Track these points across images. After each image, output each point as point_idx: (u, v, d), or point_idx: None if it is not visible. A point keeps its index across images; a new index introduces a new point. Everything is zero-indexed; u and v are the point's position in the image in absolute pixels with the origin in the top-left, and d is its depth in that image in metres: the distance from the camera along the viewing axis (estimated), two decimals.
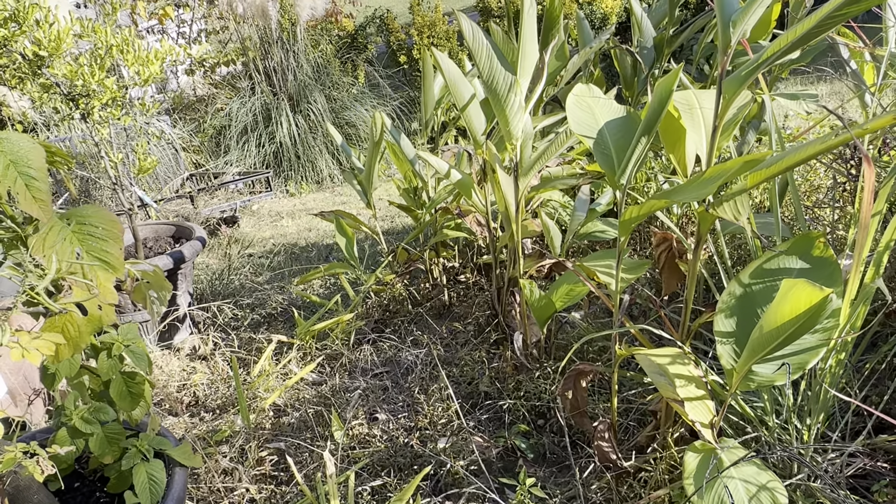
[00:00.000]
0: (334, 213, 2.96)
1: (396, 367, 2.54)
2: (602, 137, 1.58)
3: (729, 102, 1.38)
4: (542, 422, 2.15)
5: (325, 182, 7.19)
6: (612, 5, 7.81)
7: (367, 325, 2.84)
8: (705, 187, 1.30)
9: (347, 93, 7.86)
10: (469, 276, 3.00)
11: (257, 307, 3.25)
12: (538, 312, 2.06)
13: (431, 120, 2.71)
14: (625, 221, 1.47)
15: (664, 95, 1.40)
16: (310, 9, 7.60)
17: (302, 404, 2.36)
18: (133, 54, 2.30)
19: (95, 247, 1.16)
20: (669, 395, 1.40)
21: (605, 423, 1.67)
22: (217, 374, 2.59)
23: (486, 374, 2.31)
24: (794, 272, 1.36)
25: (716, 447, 1.38)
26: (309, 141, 7.26)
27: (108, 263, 1.17)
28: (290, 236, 4.93)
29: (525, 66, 2.02)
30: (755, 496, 1.28)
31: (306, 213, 5.80)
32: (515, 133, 2.02)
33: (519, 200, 2.09)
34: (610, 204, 2.45)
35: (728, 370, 1.36)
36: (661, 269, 1.78)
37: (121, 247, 1.19)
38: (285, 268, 3.93)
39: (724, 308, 1.38)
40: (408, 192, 2.98)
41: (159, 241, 2.97)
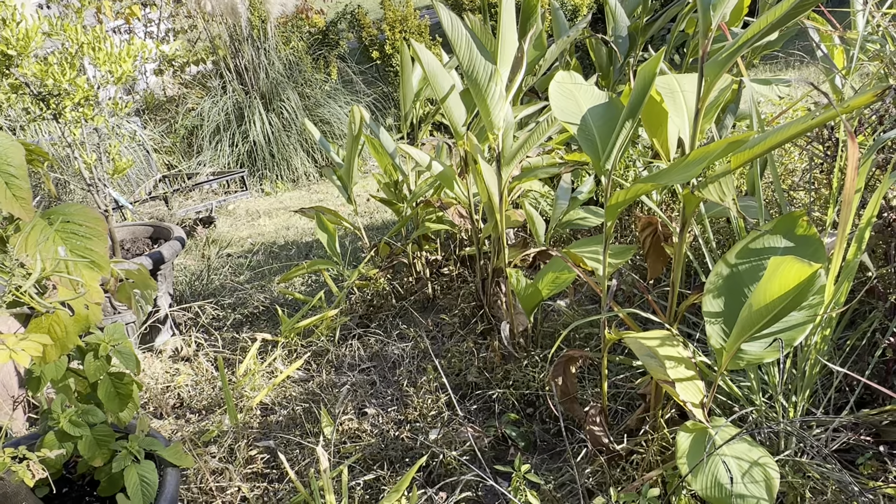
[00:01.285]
0: (315, 209, 2.94)
1: (383, 362, 2.54)
2: (586, 124, 1.59)
3: (711, 85, 1.39)
4: (532, 410, 2.16)
5: (301, 180, 7.14)
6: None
7: (352, 320, 2.83)
8: (691, 169, 1.31)
9: (320, 90, 7.80)
10: (452, 268, 3.00)
11: (238, 307, 3.21)
12: (525, 301, 2.07)
13: (410, 113, 2.70)
14: (612, 206, 1.48)
15: (647, 79, 1.41)
16: (280, 5, 7.54)
17: (289, 402, 2.34)
18: (105, 52, 2.26)
19: (80, 245, 1.14)
20: (660, 376, 1.41)
21: (596, 408, 1.68)
22: (201, 374, 2.56)
23: (475, 364, 2.31)
24: (779, 251, 1.38)
25: (707, 426, 1.40)
26: (283, 139, 7.19)
27: (94, 262, 1.14)
28: (267, 235, 4.89)
29: (505, 56, 2.02)
30: (748, 472, 1.30)
31: (283, 211, 5.75)
32: (497, 123, 2.02)
33: (502, 190, 2.09)
34: (591, 192, 2.46)
35: (717, 349, 1.38)
36: (646, 254, 1.79)
37: (106, 245, 1.17)
38: (265, 266, 3.90)
39: (712, 289, 1.40)
40: (388, 186, 2.96)
41: (137, 242, 2.92)
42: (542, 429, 2.09)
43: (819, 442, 1.71)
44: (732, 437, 1.31)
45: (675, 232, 1.58)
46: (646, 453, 1.63)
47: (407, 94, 2.65)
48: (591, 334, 2.30)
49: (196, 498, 1.86)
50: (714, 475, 1.31)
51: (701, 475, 1.31)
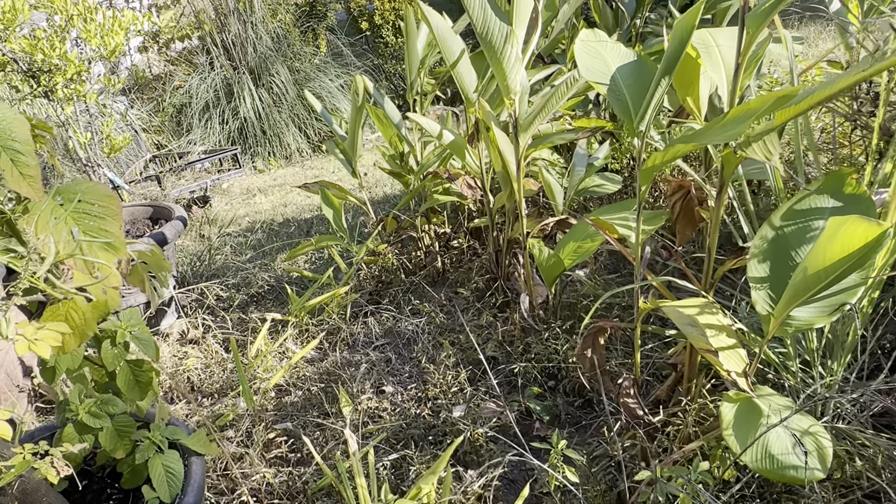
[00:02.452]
0: (318, 184, 2.85)
1: (398, 338, 2.48)
2: (615, 83, 1.51)
3: (752, 38, 1.31)
4: (554, 383, 2.11)
5: (294, 157, 7.02)
6: None
7: (362, 297, 2.76)
8: (734, 127, 1.24)
9: (310, 63, 7.64)
10: (462, 240, 2.93)
11: (243, 287, 3.14)
12: (547, 272, 2.01)
13: (417, 81, 2.60)
14: (647, 169, 1.41)
15: (685, 33, 1.33)
16: None
17: (304, 382, 2.28)
18: (97, 24, 2.14)
19: (93, 226, 1.06)
20: (702, 345, 1.35)
21: (629, 380, 1.63)
22: (210, 357, 2.49)
23: (493, 338, 2.25)
24: (826, 211, 1.31)
25: (752, 396, 1.35)
26: (274, 115, 7.06)
27: (110, 244, 1.06)
28: (265, 213, 4.79)
29: (521, 16, 1.93)
30: (798, 443, 1.25)
31: (279, 188, 5.65)
32: (513, 87, 1.94)
33: (519, 159, 2.01)
34: (607, 158, 2.39)
35: (764, 316, 1.32)
36: (675, 219, 1.73)
37: (120, 224, 1.09)
38: (266, 245, 3.81)
39: (757, 253, 1.33)
40: (394, 158, 2.88)
41: (136, 223, 2.82)
42: (566, 401, 2.05)
43: (855, 407, 1.68)
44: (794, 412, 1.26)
45: (711, 195, 1.51)
46: (682, 424, 1.58)
47: (412, 61, 2.55)
48: (612, 304, 2.25)
49: (217, 484, 1.81)
50: (765, 447, 1.26)
51: (751, 447, 1.27)
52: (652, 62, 1.56)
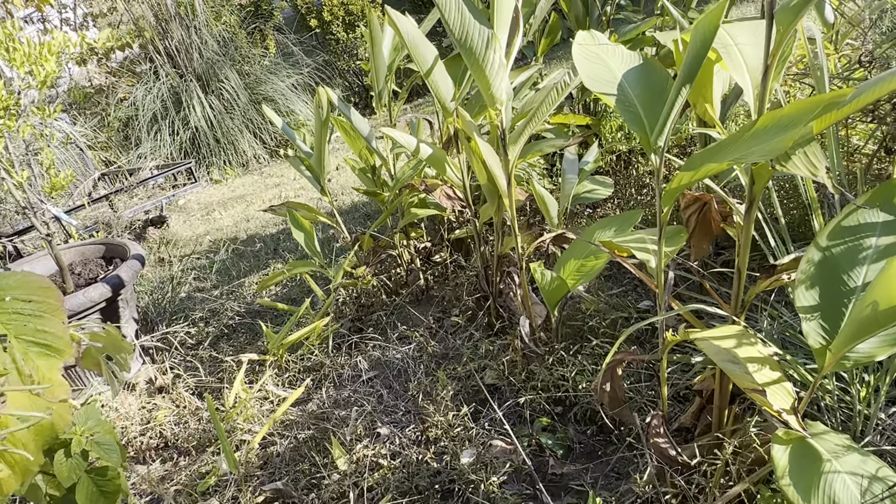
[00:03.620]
0: (286, 206, 2.64)
1: (387, 370, 2.29)
2: (624, 93, 1.34)
3: (784, 35, 1.16)
4: (561, 409, 1.96)
5: (251, 164, 6.75)
6: None
7: (343, 326, 2.57)
8: (775, 137, 1.09)
9: (260, 65, 7.33)
10: (444, 254, 2.75)
11: (212, 320, 2.91)
12: (549, 295, 1.84)
13: (384, 90, 2.40)
14: (671, 190, 1.24)
15: (708, 34, 1.16)
16: None
17: (289, 429, 2.08)
18: (21, 52, 1.89)
19: (29, 328, 0.85)
20: (748, 385, 1.21)
21: (658, 417, 1.48)
22: (183, 406, 2.28)
23: (492, 367, 2.09)
24: (878, 226, 1.17)
25: (805, 435, 1.20)
26: (226, 122, 6.75)
27: (50, 346, 0.86)
28: (226, 230, 4.54)
29: (502, 17, 1.75)
30: (867, 489, 1.12)
31: (239, 200, 5.38)
32: (499, 96, 1.76)
33: (510, 172, 1.83)
34: (597, 161, 2.23)
35: (818, 350, 1.18)
36: (690, 235, 1.58)
37: (63, 320, 0.89)
38: (232, 269, 3.57)
39: (804, 279, 1.19)
40: (364, 171, 2.67)
41: (88, 264, 2.57)
42: (578, 431, 1.89)
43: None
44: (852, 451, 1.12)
45: (737, 210, 1.36)
46: (718, 460, 1.43)
47: (379, 67, 2.34)
48: (615, 321, 2.10)
49: None
50: (831, 498, 1.12)
51: (815, 499, 1.12)
52: (660, 65, 1.40)
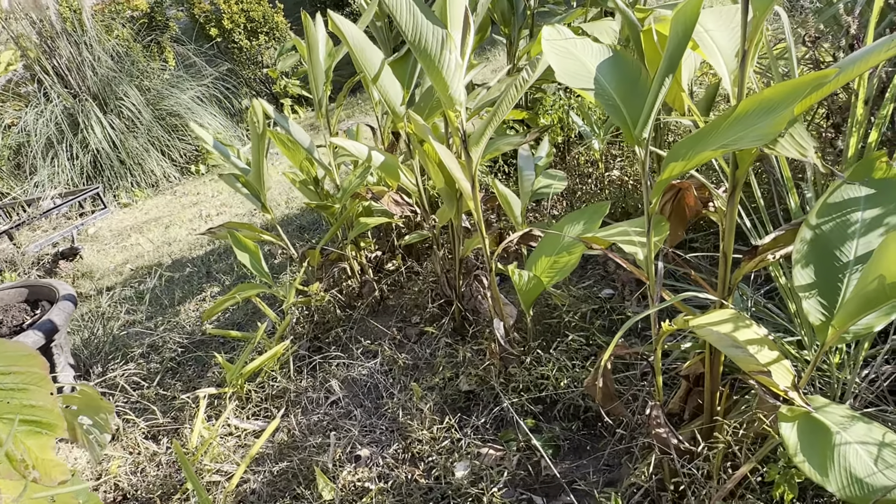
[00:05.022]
0: (226, 227, 2.49)
1: (355, 387, 2.20)
2: (601, 87, 1.33)
3: (760, 20, 1.17)
4: (542, 407, 1.94)
5: (161, 183, 6.41)
6: None
7: (301, 347, 2.45)
8: (763, 119, 1.10)
9: (160, 79, 6.97)
10: (396, 262, 2.68)
11: (153, 355, 2.72)
12: (526, 295, 1.82)
13: (324, 97, 2.30)
14: (663, 180, 1.24)
15: (688, 23, 1.16)
16: None
17: (261, 463, 1.97)
18: None
19: (13, 404, 0.73)
20: (753, 367, 1.22)
21: (657, 408, 1.48)
22: (137, 452, 2.11)
23: (468, 372, 2.04)
24: (861, 200, 1.21)
25: (810, 410, 1.23)
26: (130, 142, 6.38)
27: (41, 423, 0.74)
28: (148, 256, 4.27)
29: (454, 16, 1.71)
30: (879, 457, 1.15)
31: (155, 223, 5.09)
32: (458, 97, 1.71)
33: (474, 174, 1.79)
34: (550, 156, 2.22)
35: (819, 326, 1.20)
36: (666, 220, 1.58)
37: (51, 390, 0.77)
38: (164, 298, 3.36)
39: (799, 258, 1.21)
40: (306, 184, 2.57)
41: (10, 311, 2.33)
42: (564, 428, 1.88)
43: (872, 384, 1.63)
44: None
45: (717, 195, 1.37)
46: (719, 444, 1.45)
47: (317, 75, 2.24)
48: (586, 313, 2.10)
49: None
50: (847, 469, 1.14)
51: (832, 473, 1.15)
52: (630, 56, 1.40)
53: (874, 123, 1.50)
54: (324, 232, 3.68)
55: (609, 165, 2.69)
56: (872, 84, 1.52)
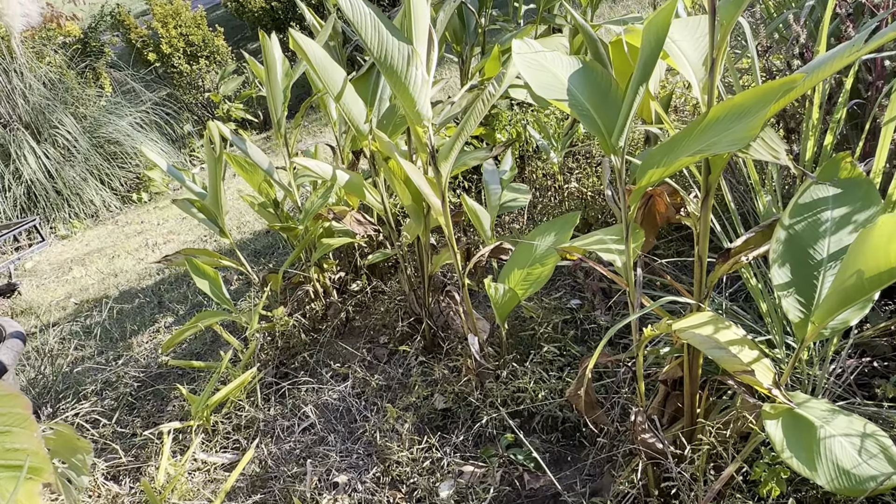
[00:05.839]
0: (183, 254, 2.41)
1: (328, 412, 2.15)
2: (575, 98, 1.34)
3: (727, 29, 1.21)
4: (520, 420, 1.93)
5: (102, 213, 6.19)
6: None
7: (268, 373, 2.38)
8: (736, 125, 1.13)
9: (97, 106, 6.75)
10: (361, 282, 2.64)
11: (107, 391, 2.59)
12: (501, 309, 1.81)
13: (282, 118, 2.26)
14: (641, 188, 1.26)
15: (660, 33, 1.19)
16: (22, 17, 6.34)
17: (234, 498, 1.89)
18: None
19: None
20: (737, 367, 1.24)
21: (641, 414, 1.49)
22: (98, 495, 2.00)
23: (444, 389, 2.02)
24: (829, 200, 1.25)
25: (793, 406, 1.25)
26: (67, 171, 6.14)
27: (29, 466, 0.69)
28: (93, 289, 4.10)
29: (418, 31, 1.70)
30: (863, 448, 1.18)
31: (98, 255, 4.89)
32: (425, 113, 1.71)
33: (444, 190, 1.78)
34: (514, 169, 2.24)
35: (798, 323, 1.23)
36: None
37: (35, 431, 0.72)
38: (114, 331, 3.22)
39: (776, 258, 1.24)
40: (265, 206, 2.51)
41: None
42: (544, 440, 1.88)
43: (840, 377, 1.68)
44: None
45: (689, 200, 1.40)
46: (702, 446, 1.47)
47: (276, 96, 2.21)
48: (557, 324, 2.11)
49: None
50: (834, 462, 1.17)
51: (820, 466, 1.17)
52: (600, 66, 1.42)
53: (829, 127, 1.57)
54: (280, 255, 3.60)
55: (567, 178, 2.73)
56: (825, 90, 1.59)
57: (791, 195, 1.99)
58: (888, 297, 1.80)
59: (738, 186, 2.17)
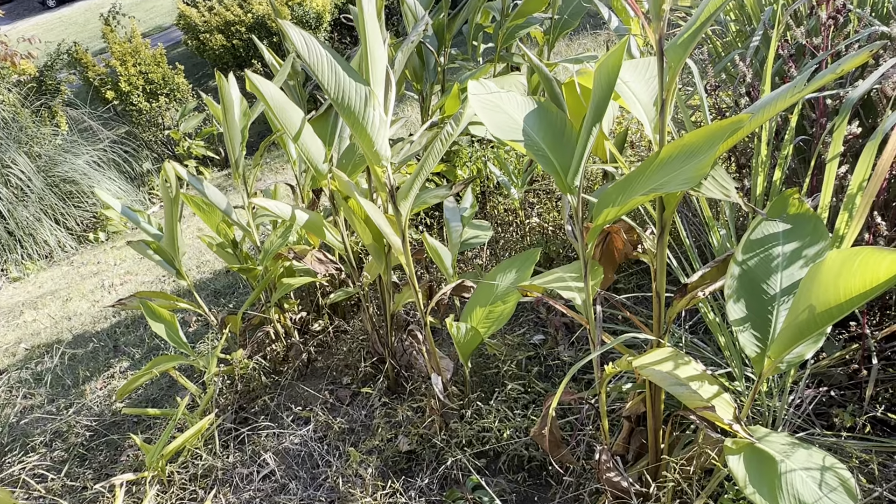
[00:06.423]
0: (137, 298, 2.35)
1: (289, 458, 2.09)
2: (531, 138, 1.35)
3: (675, 71, 1.24)
4: (486, 461, 1.91)
5: (56, 254, 6.02)
6: (323, 3, 7.57)
7: (226, 419, 2.31)
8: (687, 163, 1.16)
9: (52, 145, 6.62)
10: (323, 322, 2.60)
11: (57, 442, 2.48)
12: (464, 347, 1.80)
13: (240, 158, 2.24)
14: (598, 226, 1.27)
15: (611, 75, 1.21)
16: None
17: None
18: None
19: None
20: (697, 404, 1.24)
21: (605, 452, 1.48)
22: None
23: (408, 431, 1.98)
24: (780, 235, 1.28)
25: (753, 441, 1.26)
26: (19, 211, 5.98)
27: None
28: (45, 334, 3.96)
29: (376, 73, 1.71)
30: (822, 482, 1.19)
31: (51, 297, 4.74)
32: (383, 153, 1.71)
33: (404, 229, 1.78)
34: (474, 206, 2.25)
35: (755, 358, 1.24)
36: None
37: None
38: (66, 377, 3.10)
39: (731, 294, 1.26)
40: (223, 247, 2.47)
41: None
42: (510, 481, 1.85)
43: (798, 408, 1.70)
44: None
45: (645, 237, 1.42)
46: (667, 482, 1.46)
47: (233, 136, 2.19)
48: (521, 360, 2.10)
49: None
50: (796, 497, 1.17)
51: (782, 501, 1.17)
52: (554, 107, 1.44)
53: (778, 163, 1.61)
54: (241, 295, 3.54)
55: (528, 213, 2.75)
56: (772, 127, 1.64)
57: (745, 226, 2.04)
58: (842, 325, 1.83)
59: (694, 219, 2.22)
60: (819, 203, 1.42)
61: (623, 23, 2.89)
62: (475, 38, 3.48)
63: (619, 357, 1.64)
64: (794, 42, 1.74)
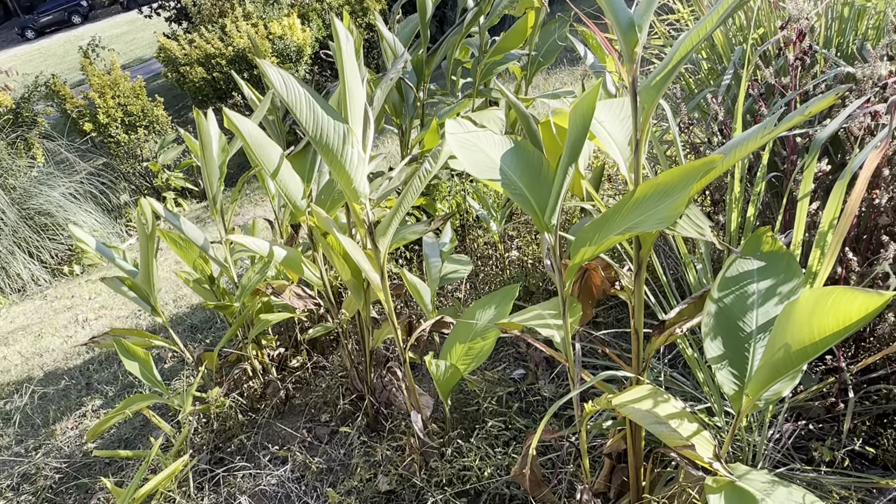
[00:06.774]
0: (111, 336, 2.30)
1: (265, 500, 2.04)
2: (508, 178, 1.36)
3: (649, 112, 1.26)
4: (467, 500, 1.88)
5: (29, 287, 5.92)
6: (303, 38, 7.64)
7: (201, 460, 2.26)
8: (662, 202, 1.17)
9: (27, 177, 6.55)
10: (301, 358, 2.57)
11: (24, 486, 2.41)
12: (444, 385, 1.78)
13: (218, 193, 2.23)
14: (576, 264, 1.27)
15: (586, 116, 1.23)
16: None
17: None
18: None
19: None
20: (677, 442, 1.24)
21: (587, 492, 1.46)
22: None
23: (388, 471, 1.95)
24: (754, 273, 1.29)
25: (734, 479, 1.26)
26: None
27: None
28: (16, 370, 3.86)
29: (355, 111, 1.72)
30: None
31: (23, 333, 4.64)
32: (362, 190, 1.71)
33: (383, 265, 1.77)
34: (454, 241, 2.25)
35: (733, 395, 1.25)
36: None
37: None
38: (36, 416, 3.02)
39: (708, 331, 1.26)
40: (200, 283, 2.44)
41: None
42: None
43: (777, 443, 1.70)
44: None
45: (623, 274, 1.43)
46: None
47: (211, 173, 2.18)
48: (502, 396, 2.08)
49: None
50: None
51: None
52: (530, 146, 1.45)
53: (751, 200, 1.63)
54: (218, 330, 3.49)
55: (508, 246, 2.76)
56: (744, 164, 1.67)
57: (721, 259, 2.06)
58: (819, 358, 1.85)
59: (671, 252, 2.23)
60: (792, 240, 1.44)
61: (598, 60, 2.95)
62: (454, 74, 3.52)
63: (599, 393, 1.64)
64: (763, 81, 1.79)
